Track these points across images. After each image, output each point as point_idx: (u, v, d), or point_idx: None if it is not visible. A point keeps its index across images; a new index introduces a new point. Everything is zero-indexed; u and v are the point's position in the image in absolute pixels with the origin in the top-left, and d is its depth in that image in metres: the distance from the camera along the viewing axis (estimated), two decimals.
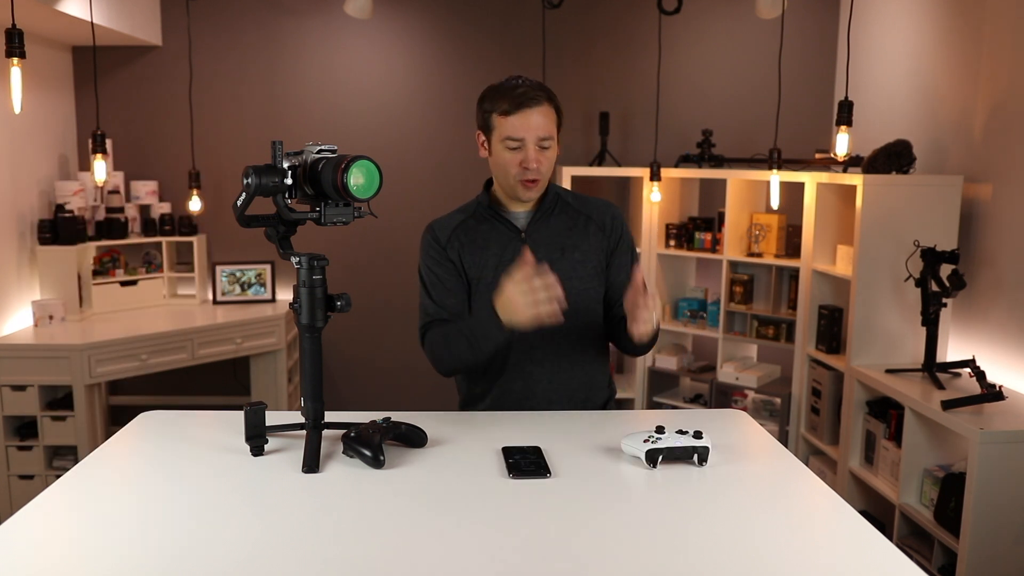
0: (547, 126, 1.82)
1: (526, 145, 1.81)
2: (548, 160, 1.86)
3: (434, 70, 4.47)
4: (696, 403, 4.21)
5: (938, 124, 3.46)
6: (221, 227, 4.46)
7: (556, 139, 1.87)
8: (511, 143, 1.82)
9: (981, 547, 2.54)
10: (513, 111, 1.80)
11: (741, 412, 1.91)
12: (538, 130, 1.81)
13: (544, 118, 1.82)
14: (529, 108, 1.80)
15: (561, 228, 1.93)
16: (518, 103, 1.80)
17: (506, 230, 1.93)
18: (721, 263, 4.01)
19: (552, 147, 1.85)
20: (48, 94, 4.08)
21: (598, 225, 1.94)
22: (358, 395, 4.63)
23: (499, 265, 1.90)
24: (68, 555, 1.19)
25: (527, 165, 1.82)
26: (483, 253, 1.92)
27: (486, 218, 1.94)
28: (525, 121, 1.80)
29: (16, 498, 3.43)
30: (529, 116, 1.80)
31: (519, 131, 1.81)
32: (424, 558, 1.18)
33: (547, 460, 1.53)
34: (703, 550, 1.21)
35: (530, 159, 1.82)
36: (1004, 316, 3.02)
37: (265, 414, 1.59)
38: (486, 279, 1.90)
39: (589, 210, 1.96)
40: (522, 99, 1.81)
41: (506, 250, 1.90)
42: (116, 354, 3.55)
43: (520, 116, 1.80)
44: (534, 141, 1.81)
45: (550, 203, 1.94)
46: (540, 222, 1.92)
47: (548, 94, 1.86)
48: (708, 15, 4.40)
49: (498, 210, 1.95)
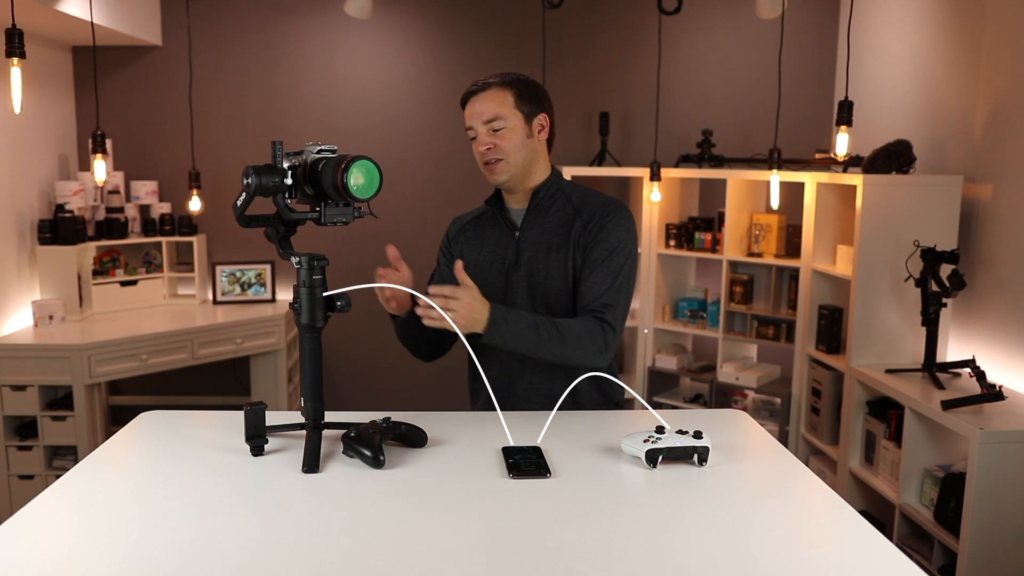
0: (493, 108, 1.87)
1: (477, 130, 1.89)
2: (504, 140, 1.87)
3: (434, 70, 4.47)
4: (696, 403, 4.21)
5: (938, 124, 3.46)
6: (221, 227, 4.46)
7: (519, 122, 1.88)
8: (469, 133, 1.92)
9: (981, 547, 2.54)
10: (464, 104, 1.92)
11: (741, 412, 1.91)
12: (482, 115, 1.87)
13: (489, 102, 1.87)
14: (474, 96, 1.89)
15: (553, 226, 1.93)
16: (466, 95, 1.91)
17: (504, 228, 1.98)
18: (721, 263, 4.01)
19: (507, 128, 1.87)
20: (48, 94, 4.08)
21: (584, 223, 1.90)
22: (358, 395, 4.63)
23: (493, 262, 1.96)
24: (68, 555, 1.19)
25: (478, 149, 1.89)
26: (482, 249, 1.99)
27: (493, 215, 2.01)
28: (471, 109, 1.89)
29: (16, 498, 3.43)
30: (473, 104, 1.89)
31: (468, 120, 1.90)
32: (424, 558, 1.18)
33: (547, 460, 1.53)
34: (703, 550, 1.21)
35: (480, 142, 1.89)
36: (1004, 316, 3.02)
37: (265, 414, 1.59)
38: (480, 275, 1.93)
39: (583, 207, 1.93)
40: (469, 90, 1.91)
41: (500, 247, 1.97)
42: (116, 354, 3.55)
43: (468, 106, 1.90)
44: (481, 126, 1.88)
45: (545, 199, 1.95)
46: (534, 219, 1.95)
47: (506, 79, 1.90)
48: (708, 15, 4.40)
49: (503, 207, 2.01)
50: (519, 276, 1.93)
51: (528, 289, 1.92)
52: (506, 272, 1.94)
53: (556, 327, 1.78)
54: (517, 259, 1.94)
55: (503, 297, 1.94)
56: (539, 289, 1.91)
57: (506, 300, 1.93)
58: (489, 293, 1.91)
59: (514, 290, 1.93)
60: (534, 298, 1.91)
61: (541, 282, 1.91)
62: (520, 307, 1.91)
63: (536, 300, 1.91)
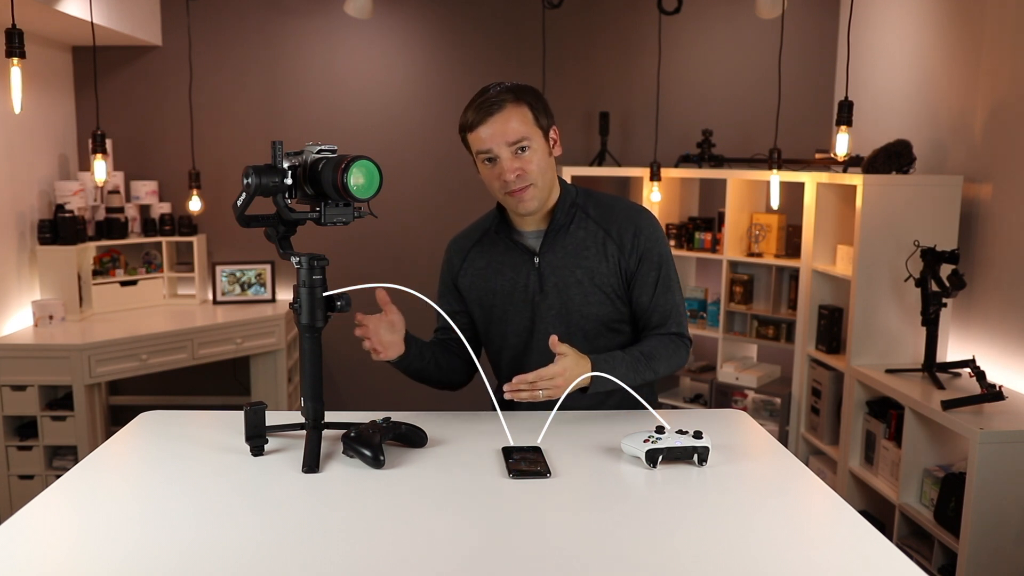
0: (517, 128, 1.70)
1: (499, 155, 1.71)
2: (533, 163, 1.72)
3: (434, 70, 4.47)
4: (696, 403, 4.21)
5: (938, 124, 3.46)
6: (221, 227, 4.46)
7: (540, 140, 1.74)
8: (484, 157, 1.73)
9: (981, 547, 2.54)
10: (477, 124, 1.71)
11: (741, 412, 1.91)
12: (505, 136, 1.70)
13: (511, 121, 1.70)
14: (491, 116, 1.70)
15: (576, 248, 1.81)
16: (479, 115, 1.71)
17: (520, 253, 1.84)
18: (721, 263, 4.01)
19: (532, 149, 1.72)
20: (48, 94, 4.08)
21: (617, 244, 1.81)
22: (358, 395, 4.63)
23: (513, 292, 1.84)
24: (68, 555, 1.19)
25: (504, 177, 1.71)
26: (497, 278, 1.86)
27: (500, 239, 1.87)
28: (489, 130, 1.70)
29: (16, 498, 3.43)
30: (492, 124, 1.70)
31: (486, 142, 1.71)
32: (424, 558, 1.18)
33: (547, 460, 1.53)
34: (703, 550, 1.21)
35: (505, 170, 1.71)
36: (1004, 316, 3.02)
37: (265, 414, 1.59)
38: (501, 307, 1.85)
39: (609, 224, 1.82)
40: (482, 108, 1.71)
41: (519, 275, 1.84)
42: (116, 354, 3.55)
43: (485, 127, 1.70)
44: (505, 149, 1.71)
45: (563, 218, 1.82)
46: (554, 242, 1.82)
47: (516, 93, 1.73)
48: (708, 15, 4.40)
49: (511, 230, 1.86)
50: (548, 305, 1.82)
51: (561, 316, 1.82)
52: (531, 300, 1.83)
53: (648, 360, 1.78)
54: (542, 286, 1.82)
55: (531, 327, 1.85)
56: (574, 316, 1.82)
57: (535, 329, 1.84)
58: (519, 326, 1.86)
59: (544, 319, 1.83)
60: (569, 324, 1.82)
61: (577, 308, 1.81)
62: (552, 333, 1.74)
63: (572, 327, 1.82)
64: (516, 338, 1.88)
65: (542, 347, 1.76)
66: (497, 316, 1.87)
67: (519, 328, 1.85)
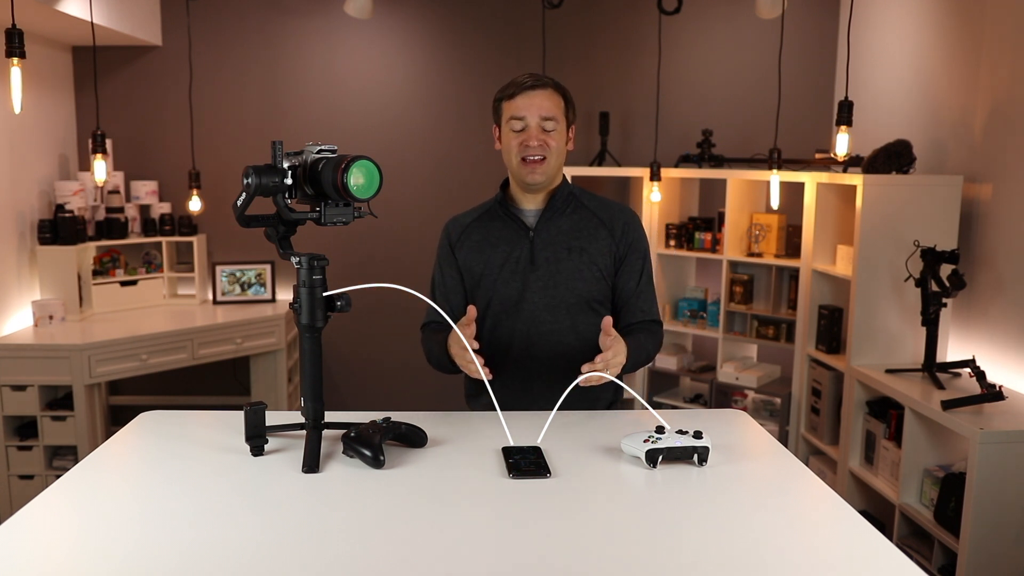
0: (551, 108, 1.87)
1: (528, 123, 1.87)
2: (553, 142, 1.88)
3: (434, 70, 4.47)
4: (696, 403, 4.21)
5: (938, 124, 3.46)
6: (221, 227, 4.46)
7: (564, 127, 1.91)
8: (515, 123, 1.88)
9: (981, 547, 2.54)
10: (517, 93, 1.89)
11: (741, 412, 1.91)
12: (541, 109, 1.87)
13: (548, 100, 1.88)
14: (532, 90, 1.88)
15: (570, 228, 1.94)
16: (522, 86, 1.89)
17: (516, 228, 1.96)
18: (721, 263, 4.01)
19: (557, 131, 1.89)
20: (48, 94, 4.08)
21: (608, 229, 1.95)
22: (358, 395, 4.63)
23: (506, 263, 1.94)
24: (68, 555, 1.19)
25: (528, 142, 1.87)
26: (492, 251, 1.96)
27: (499, 215, 1.98)
28: (528, 100, 1.87)
29: (16, 498, 3.43)
30: (532, 96, 1.87)
31: (521, 109, 1.88)
32: (424, 558, 1.18)
33: (547, 460, 1.53)
34: (703, 550, 1.21)
35: (531, 135, 1.87)
36: (1004, 316, 3.02)
37: (265, 414, 1.59)
38: (491, 275, 1.93)
39: (602, 213, 1.97)
40: (526, 81, 1.89)
41: (514, 248, 1.94)
42: (116, 354, 3.55)
43: (523, 96, 1.88)
44: (536, 119, 1.87)
45: (561, 201, 1.95)
46: (549, 220, 1.94)
47: (556, 83, 1.92)
48: (708, 15, 4.40)
49: (511, 207, 1.98)
50: (536, 276, 1.92)
51: (546, 290, 1.92)
52: (521, 271, 1.93)
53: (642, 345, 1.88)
54: (533, 259, 1.93)
55: (518, 297, 1.93)
56: (561, 289, 1.91)
57: (521, 300, 1.92)
58: (505, 295, 1.93)
59: (531, 290, 1.92)
60: (554, 298, 1.92)
61: (565, 282, 1.91)
62: (536, 307, 1.92)
63: (557, 300, 1.92)
64: (499, 306, 1.95)
65: (525, 317, 1.92)
66: (486, 285, 1.95)
67: (504, 297, 1.93)
